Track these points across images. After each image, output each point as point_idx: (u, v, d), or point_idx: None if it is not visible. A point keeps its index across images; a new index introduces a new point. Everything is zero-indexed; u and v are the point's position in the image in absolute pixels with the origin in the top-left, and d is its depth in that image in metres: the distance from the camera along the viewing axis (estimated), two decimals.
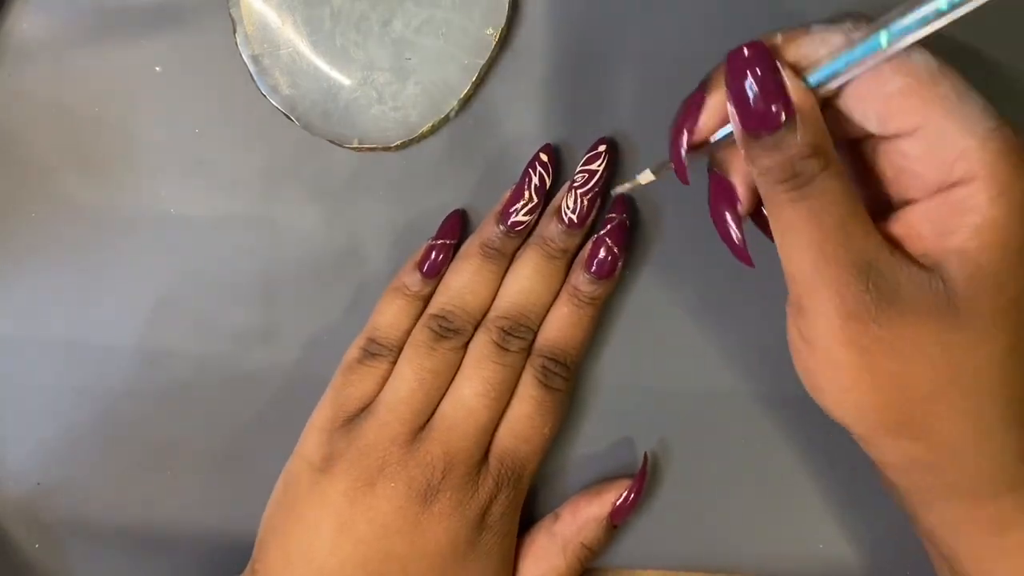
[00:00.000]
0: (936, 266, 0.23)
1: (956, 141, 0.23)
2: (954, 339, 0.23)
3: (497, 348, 0.30)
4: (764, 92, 0.23)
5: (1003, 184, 0.23)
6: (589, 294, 0.31)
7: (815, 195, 0.23)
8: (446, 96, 0.32)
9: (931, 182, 0.24)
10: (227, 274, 0.34)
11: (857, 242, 0.23)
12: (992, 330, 0.23)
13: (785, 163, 0.23)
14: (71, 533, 0.34)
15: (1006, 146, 0.23)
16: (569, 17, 0.32)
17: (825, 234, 0.23)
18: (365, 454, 0.29)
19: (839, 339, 0.24)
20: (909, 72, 0.23)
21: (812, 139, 0.23)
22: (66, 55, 0.33)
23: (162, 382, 0.34)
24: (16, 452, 0.34)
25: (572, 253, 0.32)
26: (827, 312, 0.24)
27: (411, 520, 0.29)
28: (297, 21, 0.32)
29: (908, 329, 0.23)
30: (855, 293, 0.23)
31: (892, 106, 0.23)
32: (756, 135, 0.23)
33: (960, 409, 0.24)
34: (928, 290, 0.23)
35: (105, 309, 0.34)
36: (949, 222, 0.23)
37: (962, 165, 0.23)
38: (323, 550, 0.29)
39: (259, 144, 0.33)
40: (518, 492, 0.31)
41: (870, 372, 0.24)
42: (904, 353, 0.23)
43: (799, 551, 0.33)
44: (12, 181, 0.34)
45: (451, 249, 0.32)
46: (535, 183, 0.31)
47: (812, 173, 0.23)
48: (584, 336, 0.31)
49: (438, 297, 0.32)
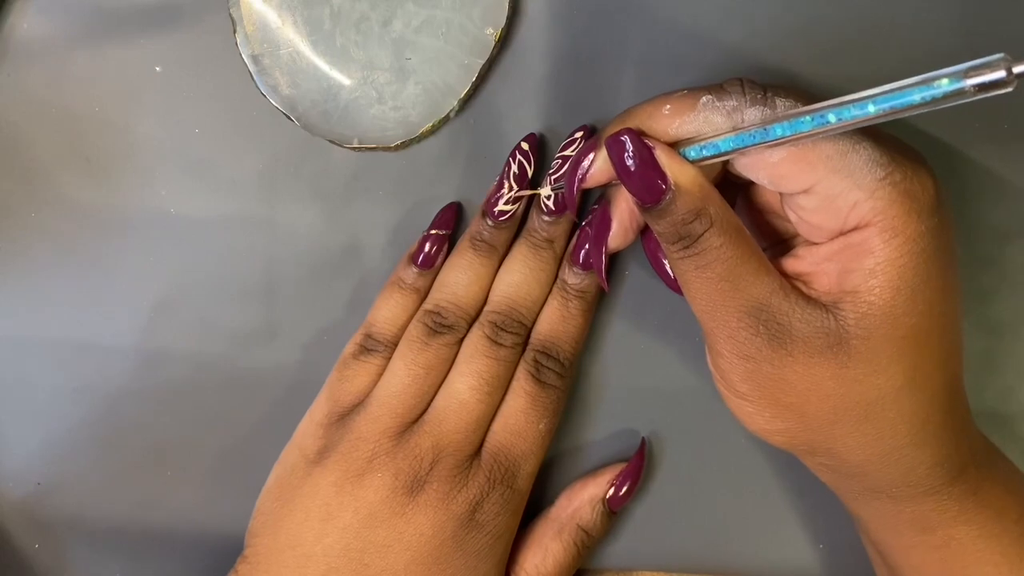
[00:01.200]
0: (832, 304, 0.25)
1: (846, 196, 0.24)
2: (847, 374, 0.25)
3: (490, 342, 0.30)
4: (642, 172, 0.25)
5: (895, 228, 0.24)
6: (576, 286, 0.31)
7: (701, 252, 0.25)
8: (446, 96, 0.32)
9: (829, 230, 0.25)
10: (227, 274, 0.34)
11: (747, 289, 0.25)
12: (885, 363, 0.25)
13: (672, 227, 0.25)
14: (71, 533, 0.34)
15: (896, 192, 0.24)
16: (569, 17, 0.32)
17: (712, 285, 0.26)
18: (356, 446, 0.30)
19: (738, 376, 0.26)
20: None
21: (692, 206, 0.25)
22: (66, 55, 0.33)
23: (162, 382, 0.34)
24: (16, 452, 0.34)
25: (561, 244, 0.32)
26: (724, 353, 0.26)
27: (397, 510, 0.29)
28: (297, 21, 0.32)
29: (800, 367, 0.25)
30: (746, 337, 0.25)
31: (779, 172, 0.25)
32: (643, 207, 0.26)
33: (861, 434, 0.26)
34: (820, 329, 0.25)
35: (105, 309, 0.34)
36: (849, 263, 0.25)
37: (855, 215, 0.24)
38: (309, 537, 0.29)
39: (259, 144, 0.33)
40: (514, 493, 0.30)
41: (768, 403, 0.26)
42: (798, 388, 0.25)
43: (799, 551, 0.33)
44: (12, 181, 0.34)
45: (445, 240, 0.32)
46: (514, 171, 0.31)
47: (697, 234, 0.25)
48: (575, 330, 0.31)
49: (433, 293, 0.32)
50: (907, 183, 0.24)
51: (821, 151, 0.24)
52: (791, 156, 0.24)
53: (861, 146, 0.24)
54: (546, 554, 0.31)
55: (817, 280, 0.26)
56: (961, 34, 0.32)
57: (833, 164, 0.24)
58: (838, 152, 0.24)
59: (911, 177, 0.24)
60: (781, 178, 0.25)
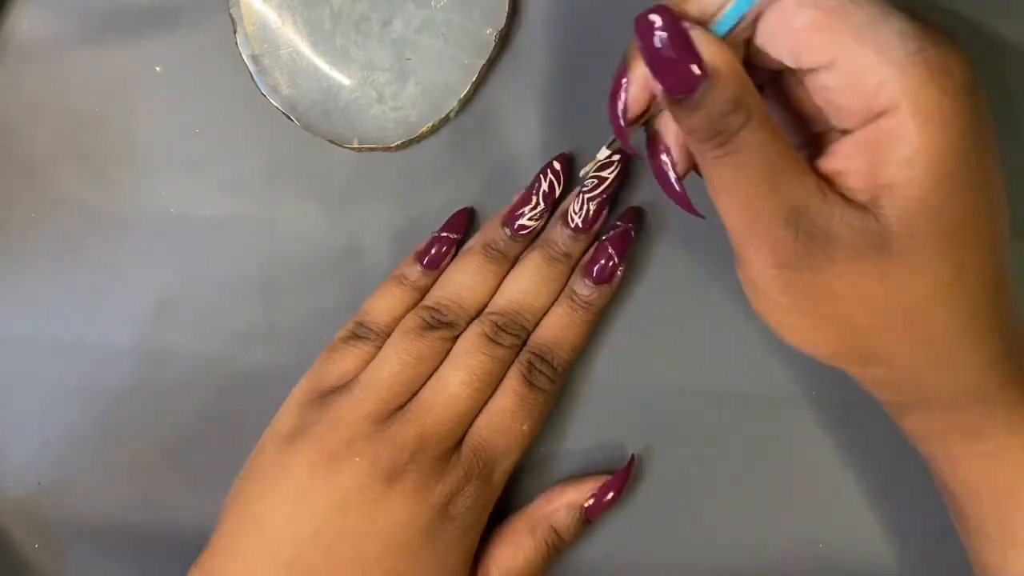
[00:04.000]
0: (871, 202, 0.23)
1: (874, 71, 0.22)
2: (891, 275, 0.23)
3: (487, 340, 0.30)
4: (676, 55, 0.22)
5: (929, 111, 0.22)
6: (585, 298, 0.31)
7: (738, 150, 0.23)
8: (446, 96, 0.32)
9: (857, 113, 0.23)
10: (227, 274, 0.34)
11: (784, 191, 0.23)
12: (931, 262, 0.23)
13: (708, 121, 0.23)
14: (71, 533, 0.34)
15: (928, 70, 0.22)
16: (569, 17, 0.32)
17: (750, 187, 0.23)
18: (334, 427, 0.29)
19: (776, 286, 0.24)
20: (816, 4, 0.23)
21: (731, 94, 0.22)
22: (66, 55, 0.33)
23: (162, 382, 0.34)
24: (16, 452, 0.34)
25: (575, 259, 0.32)
26: (760, 263, 0.24)
27: (371, 498, 0.28)
28: (297, 21, 0.32)
29: (842, 271, 0.23)
30: (784, 243, 0.23)
31: (803, 41, 0.23)
32: (677, 99, 0.23)
33: (909, 338, 0.24)
34: (861, 230, 0.23)
35: (105, 309, 0.34)
36: (881, 154, 0.22)
37: (884, 95, 0.22)
38: (278, 519, 0.29)
39: (259, 144, 0.33)
40: (488, 489, 0.30)
41: (810, 314, 0.25)
42: (841, 294, 0.24)
43: (799, 551, 0.33)
44: (12, 181, 0.34)
45: (454, 244, 0.32)
46: (544, 189, 0.31)
47: (735, 128, 0.23)
48: (575, 340, 0.31)
49: (435, 291, 0.32)
50: (941, 59, 0.22)
51: (848, 18, 0.22)
52: (815, 23, 0.22)
53: (893, 16, 0.22)
54: (518, 550, 0.31)
55: (852, 178, 0.23)
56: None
57: (860, 34, 0.22)
58: (866, 20, 0.22)
59: (945, 53, 0.22)
60: (804, 48, 0.23)
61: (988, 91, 0.24)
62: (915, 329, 0.24)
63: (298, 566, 0.28)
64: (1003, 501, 0.26)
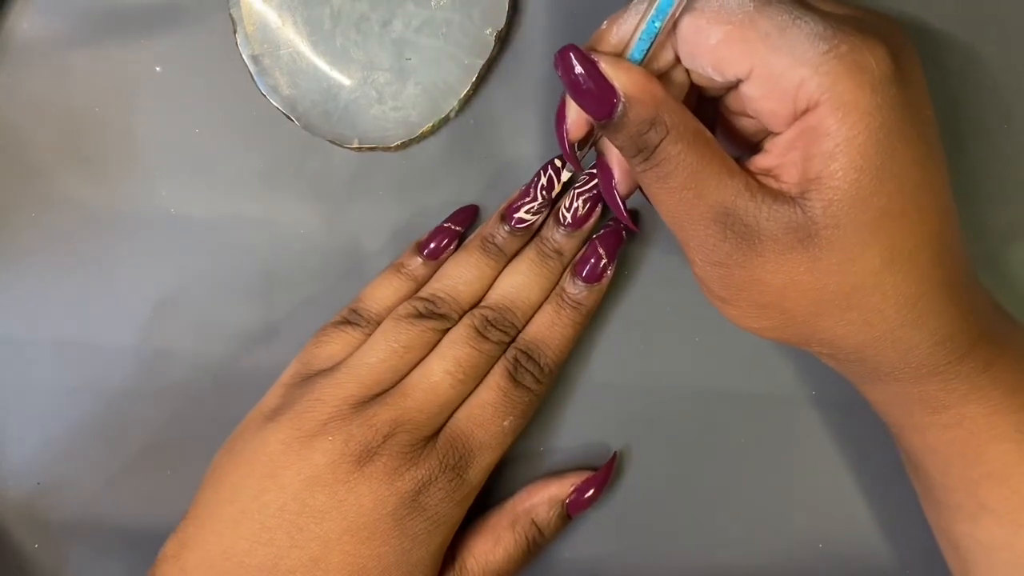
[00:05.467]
0: (801, 196, 0.24)
1: (789, 74, 0.23)
2: (821, 265, 0.24)
3: (475, 333, 0.30)
4: (593, 85, 0.25)
5: (848, 104, 0.23)
6: (574, 296, 0.31)
7: (660, 162, 0.25)
8: (446, 96, 0.32)
9: (783, 116, 0.24)
10: (227, 274, 0.34)
11: (711, 194, 0.25)
12: (859, 249, 0.24)
13: (630, 139, 0.25)
14: (71, 533, 0.34)
15: (842, 65, 0.23)
16: (569, 17, 0.32)
17: (677, 194, 0.25)
18: (312, 407, 0.29)
19: (715, 282, 0.26)
20: (726, 19, 0.24)
21: (646, 114, 0.24)
22: (66, 55, 0.33)
23: (162, 382, 0.34)
24: (16, 452, 0.34)
25: (568, 257, 0.32)
26: (699, 262, 0.26)
27: (341, 477, 0.28)
28: (297, 21, 0.32)
29: (772, 265, 0.25)
30: (714, 242, 0.25)
31: (720, 56, 0.24)
32: (601, 123, 0.25)
33: (847, 323, 0.25)
34: (788, 224, 0.24)
35: (105, 309, 0.34)
36: (809, 148, 0.24)
37: (803, 94, 0.23)
38: (248, 492, 0.29)
39: (259, 144, 0.33)
40: (463, 483, 0.30)
41: (751, 304, 0.26)
42: (775, 286, 0.25)
43: (798, 551, 0.33)
44: (12, 181, 0.34)
45: (456, 236, 0.32)
46: (542, 183, 0.31)
47: (655, 143, 0.25)
48: (561, 339, 0.31)
49: (432, 283, 0.32)
50: (855, 54, 0.23)
51: (758, 28, 0.23)
52: (728, 37, 0.24)
53: (802, 21, 0.23)
54: (497, 543, 0.31)
55: (785, 172, 0.25)
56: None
57: (772, 41, 0.23)
58: (776, 28, 0.23)
59: (859, 48, 0.23)
60: (723, 62, 0.24)
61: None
62: (852, 314, 0.25)
63: (263, 539, 0.28)
64: (971, 468, 0.27)
